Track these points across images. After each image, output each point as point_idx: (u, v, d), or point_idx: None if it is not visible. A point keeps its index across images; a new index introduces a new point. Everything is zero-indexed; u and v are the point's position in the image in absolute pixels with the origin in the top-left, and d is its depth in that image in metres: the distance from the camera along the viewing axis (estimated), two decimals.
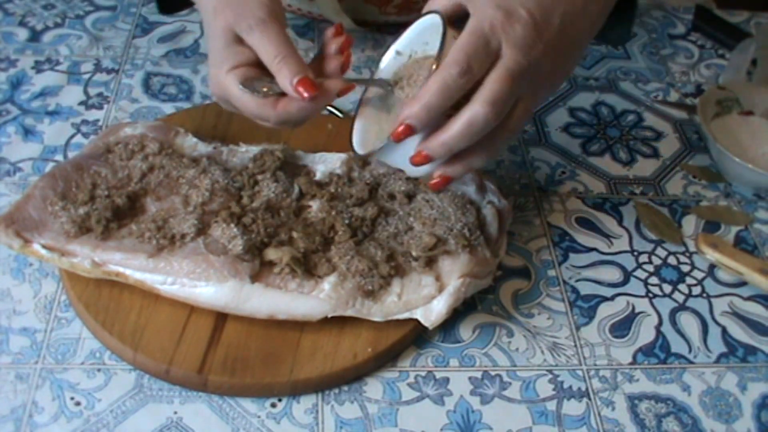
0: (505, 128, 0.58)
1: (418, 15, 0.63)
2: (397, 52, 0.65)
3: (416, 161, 0.57)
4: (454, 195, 0.70)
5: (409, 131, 0.56)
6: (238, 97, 0.61)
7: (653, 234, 0.79)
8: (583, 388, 0.65)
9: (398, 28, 1.02)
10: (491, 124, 0.55)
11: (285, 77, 0.59)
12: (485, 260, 0.68)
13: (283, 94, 0.60)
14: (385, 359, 0.65)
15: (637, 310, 0.72)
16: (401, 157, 0.59)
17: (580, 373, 0.67)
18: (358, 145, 0.63)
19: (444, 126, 0.56)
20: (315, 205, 0.69)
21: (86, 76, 0.89)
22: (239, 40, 0.62)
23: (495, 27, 0.55)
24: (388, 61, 0.65)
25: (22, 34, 0.94)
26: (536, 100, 0.61)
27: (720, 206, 0.83)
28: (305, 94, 0.59)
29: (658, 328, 0.71)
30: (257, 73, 0.61)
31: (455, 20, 0.59)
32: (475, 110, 0.55)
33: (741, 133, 0.88)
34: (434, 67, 0.56)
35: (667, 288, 0.74)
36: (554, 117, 0.92)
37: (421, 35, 0.63)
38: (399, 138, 0.56)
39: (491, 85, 0.55)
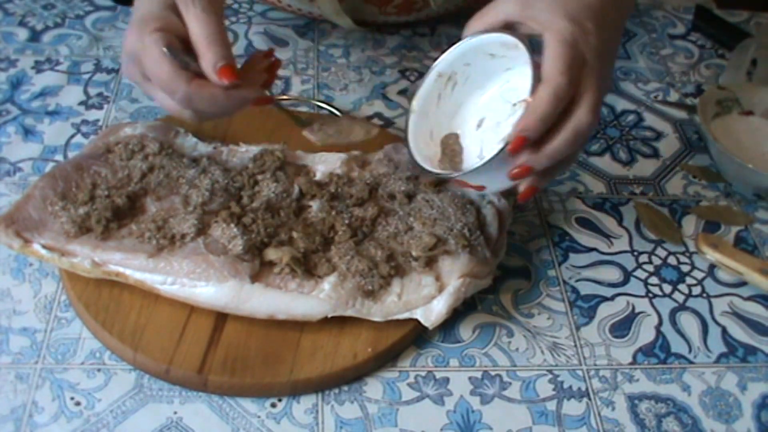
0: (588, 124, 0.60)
1: (457, 37, 0.65)
2: (439, 74, 0.66)
3: (517, 175, 0.59)
4: (454, 195, 0.70)
5: (525, 143, 0.57)
6: (154, 59, 0.58)
7: (653, 234, 0.79)
8: (583, 388, 0.65)
9: (398, 29, 1.03)
10: (592, 132, 0.58)
11: (210, 59, 0.58)
12: (485, 260, 0.68)
13: (200, 76, 0.59)
14: (385, 359, 0.65)
15: (637, 310, 0.72)
16: (485, 176, 0.61)
17: (580, 373, 0.67)
18: (429, 167, 0.64)
19: (548, 138, 0.58)
20: (315, 205, 0.69)
21: (86, 76, 0.89)
22: (174, 9, 0.61)
23: (576, 38, 0.57)
24: (428, 85, 0.66)
25: (22, 34, 0.94)
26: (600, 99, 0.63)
27: (720, 206, 0.83)
28: (225, 81, 0.58)
29: (658, 328, 0.71)
30: (179, 46, 0.60)
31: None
32: (581, 119, 0.57)
33: (741, 133, 0.88)
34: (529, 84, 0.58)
35: (667, 288, 0.74)
36: None
37: (462, 57, 0.65)
38: (516, 150, 0.57)
39: (590, 94, 0.57)
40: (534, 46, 0.59)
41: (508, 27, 0.61)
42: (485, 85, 0.68)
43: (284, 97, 0.89)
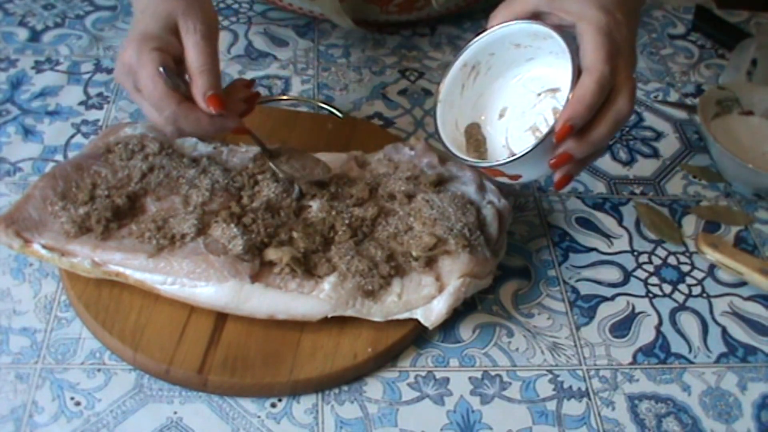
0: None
1: (481, 28, 0.65)
2: (464, 64, 0.67)
3: (558, 163, 0.60)
4: (454, 195, 0.70)
5: (571, 131, 0.58)
6: (149, 76, 0.61)
7: (653, 234, 0.79)
8: (583, 388, 0.65)
9: (399, 28, 1.03)
10: (629, 119, 0.59)
11: (202, 86, 0.62)
12: (485, 260, 0.68)
13: (189, 99, 0.63)
14: (385, 359, 0.65)
15: (637, 310, 0.72)
16: (525, 165, 0.61)
17: (580, 373, 0.67)
18: (464, 156, 0.65)
19: (590, 126, 0.59)
20: (315, 205, 0.69)
21: (86, 76, 0.89)
22: (175, 31, 0.64)
23: (611, 28, 0.59)
24: (454, 74, 0.67)
25: (22, 34, 0.94)
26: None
27: (720, 206, 0.83)
28: (212, 109, 0.62)
29: (658, 328, 0.71)
30: (174, 68, 0.63)
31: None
32: (621, 107, 0.59)
33: (741, 133, 0.88)
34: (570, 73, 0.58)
35: (667, 288, 0.74)
36: None
37: (488, 46, 0.66)
38: (562, 138, 0.58)
39: (627, 82, 0.59)
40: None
41: (535, 17, 0.62)
42: (506, 75, 0.69)
43: (284, 97, 0.89)
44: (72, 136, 0.82)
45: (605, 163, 0.87)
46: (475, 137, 0.69)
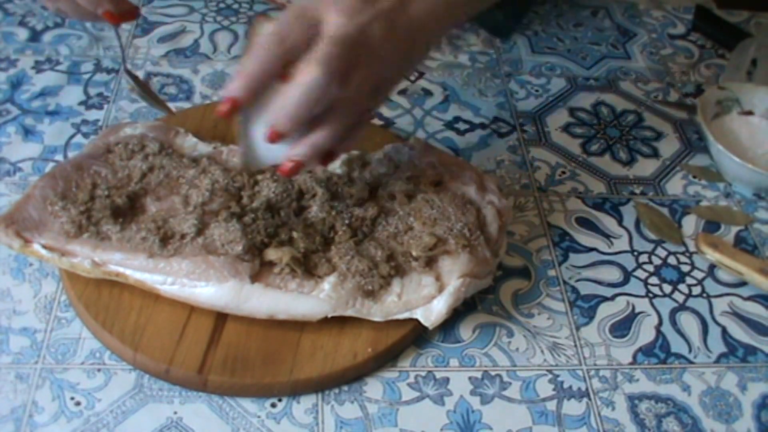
0: (345, 99, 0.58)
1: None
2: None
3: (270, 138, 0.57)
4: (454, 195, 0.70)
5: (235, 104, 0.56)
6: None
7: (653, 234, 0.79)
8: (583, 388, 0.65)
9: None
10: (324, 86, 0.55)
11: None
12: (485, 260, 0.68)
13: None
14: (385, 359, 0.65)
15: (637, 310, 0.72)
16: (260, 151, 0.60)
17: (580, 373, 0.67)
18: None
19: (282, 95, 0.56)
20: (315, 205, 0.69)
21: (86, 76, 0.89)
22: None
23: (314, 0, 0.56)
24: None
25: (22, 34, 0.94)
26: (378, 73, 0.59)
27: (720, 206, 0.83)
28: None
29: (658, 328, 0.71)
30: None
31: None
32: (305, 71, 0.55)
33: (741, 133, 0.88)
34: None
35: (667, 288, 0.74)
36: (554, 117, 0.92)
37: None
38: (223, 114, 0.56)
39: (317, 48, 0.55)
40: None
41: None
42: None
43: None
44: (72, 136, 0.82)
45: (605, 163, 0.87)
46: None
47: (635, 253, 0.77)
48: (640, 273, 0.75)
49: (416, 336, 0.67)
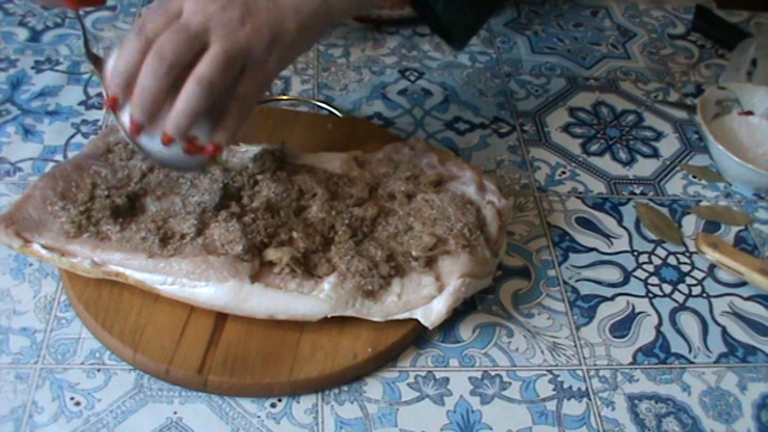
0: (237, 95, 0.61)
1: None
2: None
3: (164, 141, 0.60)
4: (454, 195, 0.70)
5: (140, 128, 0.59)
6: None
7: (653, 234, 0.79)
8: (583, 388, 0.65)
9: (399, 28, 1.03)
10: (205, 97, 0.58)
11: None
12: (485, 260, 0.68)
13: None
14: (385, 359, 0.65)
15: (637, 310, 0.72)
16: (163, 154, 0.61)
17: (580, 373, 0.67)
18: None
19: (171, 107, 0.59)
20: (315, 205, 0.69)
21: (86, 76, 0.89)
22: None
23: (204, 17, 0.59)
24: None
25: (22, 34, 0.94)
26: (266, 68, 0.62)
27: (720, 206, 0.83)
28: None
29: (658, 328, 0.71)
30: None
31: None
32: (186, 87, 0.58)
33: (741, 133, 0.88)
34: None
35: (667, 288, 0.74)
36: (554, 117, 0.92)
37: None
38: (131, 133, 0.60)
39: (198, 68, 0.59)
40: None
41: None
42: None
43: (284, 97, 0.89)
44: (72, 136, 0.82)
45: (605, 163, 0.87)
46: None
47: (635, 253, 0.77)
48: (640, 273, 0.75)
49: (416, 336, 0.67)
